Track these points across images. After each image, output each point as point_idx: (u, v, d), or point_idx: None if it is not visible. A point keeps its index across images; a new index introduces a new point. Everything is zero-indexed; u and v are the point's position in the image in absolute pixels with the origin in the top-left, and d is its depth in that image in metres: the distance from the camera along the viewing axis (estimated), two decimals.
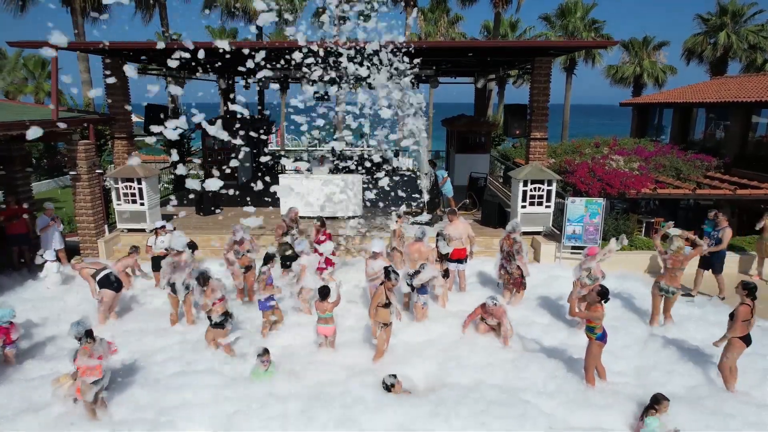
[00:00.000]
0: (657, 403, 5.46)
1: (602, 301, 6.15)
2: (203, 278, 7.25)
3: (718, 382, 6.63)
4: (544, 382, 6.47)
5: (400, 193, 12.30)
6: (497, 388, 6.17)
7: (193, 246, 9.10)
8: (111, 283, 8.19)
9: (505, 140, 25.11)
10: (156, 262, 9.26)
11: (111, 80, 9.42)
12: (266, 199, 10.59)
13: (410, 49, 10.52)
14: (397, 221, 9.68)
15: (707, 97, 18.26)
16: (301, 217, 10.29)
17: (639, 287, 9.80)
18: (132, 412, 6.07)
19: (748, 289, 6.41)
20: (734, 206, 16.08)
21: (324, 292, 7.21)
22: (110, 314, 8.53)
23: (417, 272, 8.01)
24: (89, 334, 5.77)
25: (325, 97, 15.25)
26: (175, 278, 8.20)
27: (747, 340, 6.42)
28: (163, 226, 9.62)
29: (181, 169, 8.74)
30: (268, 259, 7.98)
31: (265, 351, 6.60)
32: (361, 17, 10.10)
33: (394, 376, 6.24)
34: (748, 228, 13.82)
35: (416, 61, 10.94)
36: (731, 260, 11.17)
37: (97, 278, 8.20)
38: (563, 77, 34.78)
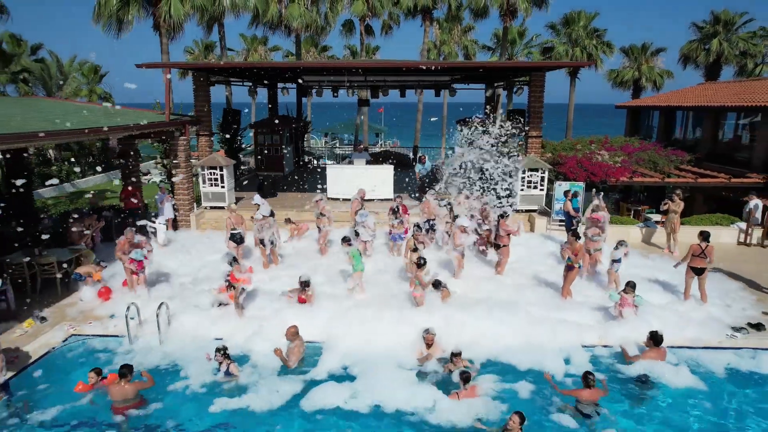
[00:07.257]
0: (628, 285, 8.61)
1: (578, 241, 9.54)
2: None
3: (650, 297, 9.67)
4: (533, 298, 9.68)
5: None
6: (499, 300, 9.42)
7: (272, 213, 12.43)
8: (234, 237, 11.58)
9: None
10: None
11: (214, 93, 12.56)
12: (308, 186, 13.51)
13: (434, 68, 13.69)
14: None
15: (687, 101, 21.16)
16: (343, 200, 13.27)
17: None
18: (251, 314, 9.20)
19: None
20: (697, 192, 18.88)
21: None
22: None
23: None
24: (235, 260, 9.00)
25: (367, 102, 18.42)
26: (263, 235, 11.45)
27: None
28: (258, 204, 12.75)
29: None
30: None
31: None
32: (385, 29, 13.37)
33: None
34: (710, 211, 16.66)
35: None
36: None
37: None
38: (568, 80, 37.53)
